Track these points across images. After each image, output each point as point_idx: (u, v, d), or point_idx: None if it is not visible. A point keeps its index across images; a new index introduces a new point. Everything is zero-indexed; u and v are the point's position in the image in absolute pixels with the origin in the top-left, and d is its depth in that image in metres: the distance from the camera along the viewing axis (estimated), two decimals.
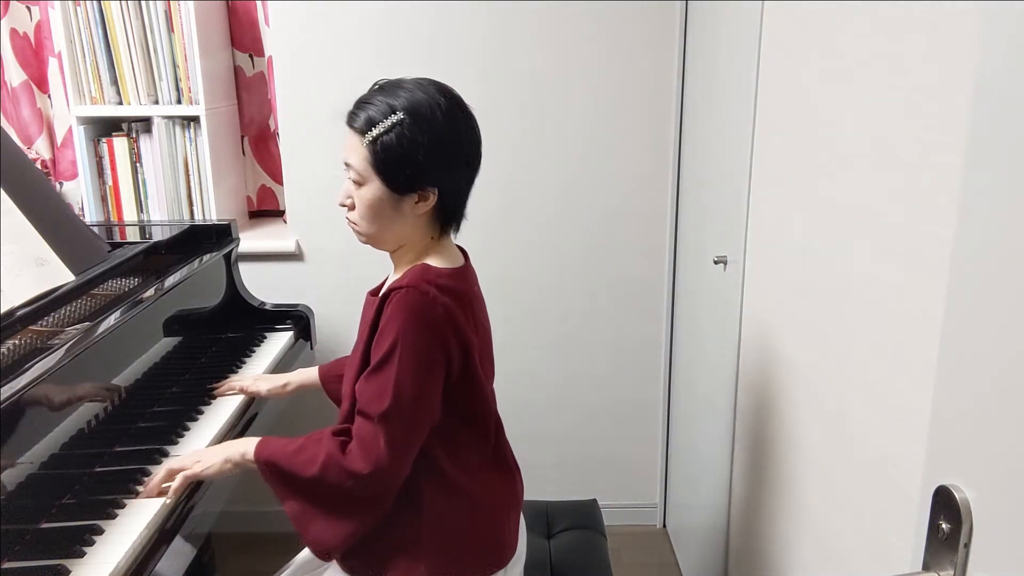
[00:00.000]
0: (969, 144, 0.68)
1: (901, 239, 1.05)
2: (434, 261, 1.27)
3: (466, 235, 1.36)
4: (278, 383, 1.68)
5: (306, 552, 1.48)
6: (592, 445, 2.61)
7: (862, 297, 1.16)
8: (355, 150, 1.22)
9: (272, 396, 1.69)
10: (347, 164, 1.24)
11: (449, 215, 1.28)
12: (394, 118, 1.18)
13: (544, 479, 2.60)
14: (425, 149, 1.18)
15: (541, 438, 2.59)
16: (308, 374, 1.67)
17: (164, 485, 1.32)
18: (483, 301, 1.38)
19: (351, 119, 1.22)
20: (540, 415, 2.57)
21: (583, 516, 1.84)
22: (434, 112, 1.19)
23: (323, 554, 1.28)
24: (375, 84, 1.25)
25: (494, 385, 1.37)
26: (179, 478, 1.31)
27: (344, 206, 1.28)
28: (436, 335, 1.20)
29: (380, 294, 1.25)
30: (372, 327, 1.23)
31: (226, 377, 1.78)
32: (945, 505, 0.70)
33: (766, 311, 1.62)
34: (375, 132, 1.18)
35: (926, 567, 0.73)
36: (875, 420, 1.13)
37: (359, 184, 1.23)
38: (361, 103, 1.22)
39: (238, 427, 1.62)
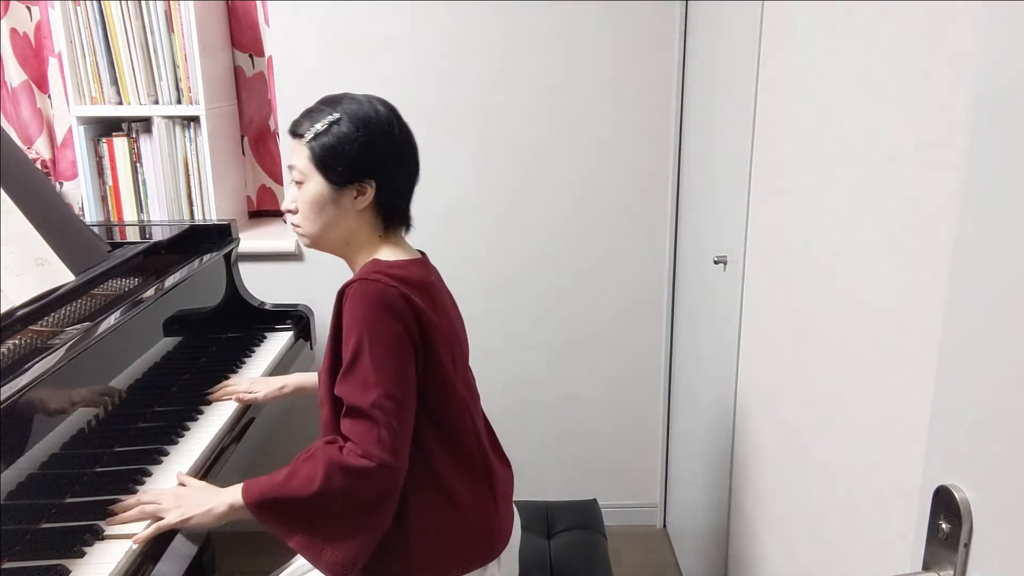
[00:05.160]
0: (969, 143, 0.68)
1: (901, 239, 1.05)
2: (385, 255, 1.32)
3: (467, 235, 1.36)
4: (275, 386, 1.68)
5: None
6: (592, 445, 2.61)
7: (862, 297, 1.16)
8: (296, 151, 1.30)
9: (269, 401, 1.68)
10: (290, 166, 1.31)
11: (390, 210, 1.33)
12: (331, 118, 1.27)
13: (544, 479, 2.61)
14: (359, 144, 1.27)
15: (541, 438, 2.59)
16: (306, 377, 1.67)
17: (135, 523, 1.25)
18: (446, 292, 1.39)
19: (294, 127, 1.31)
20: (540, 415, 2.57)
21: (583, 516, 1.84)
22: (368, 115, 1.28)
23: (343, 573, 1.24)
24: (320, 99, 1.33)
25: (487, 382, 1.36)
26: (152, 528, 1.24)
27: (289, 211, 1.33)
28: (398, 318, 1.22)
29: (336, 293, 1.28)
30: (335, 327, 1.28)
31: (226, 378, 1.78)
32: (945, 505, 0.70)
33: (766, 311, 1.62)
34: (313, 131, 1.28)
35: (926, 567, 0.73)
36: (875, 420, 1.13)
37: (301, 183, 1.30)
38: (303, 113, 1.31)
39: (235, 430, 1.62)
